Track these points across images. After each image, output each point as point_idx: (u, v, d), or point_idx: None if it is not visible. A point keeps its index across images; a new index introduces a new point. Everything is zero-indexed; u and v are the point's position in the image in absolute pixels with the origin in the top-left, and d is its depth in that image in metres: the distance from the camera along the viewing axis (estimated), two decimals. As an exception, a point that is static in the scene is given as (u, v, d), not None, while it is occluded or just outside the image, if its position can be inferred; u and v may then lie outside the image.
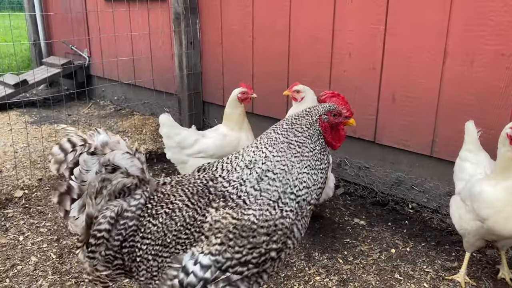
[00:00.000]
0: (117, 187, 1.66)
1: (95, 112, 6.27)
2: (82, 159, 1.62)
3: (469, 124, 2.70)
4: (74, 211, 1.68)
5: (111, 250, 1.68)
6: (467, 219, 2.47)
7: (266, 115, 4.33)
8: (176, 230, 1.64)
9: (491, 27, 2.79)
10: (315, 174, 1.71)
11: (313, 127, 1.76)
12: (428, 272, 2.70)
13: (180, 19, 4.60)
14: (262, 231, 1.59)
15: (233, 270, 1.60)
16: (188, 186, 1.73)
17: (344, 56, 3.58)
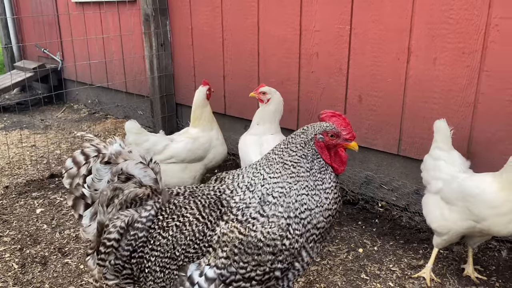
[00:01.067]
0: (129, 196, 1.66)
1: (68, 116, 6.17)
2: (95, 168, 1.61)
3: (440, 123, 2.68)
4: (86, 219, 1.69)
5: (120, 260, 1.69)
6: (454, 219, 2.45)
7: (239, 116, 4.30)
8: (185, 244, 1.63)
9: (452, 26, 2.81)
10: (316, 195, 1.64)
11: (308, 146, 1.69)
12: (394, 271, 2.71)
13: (149, 21, 4.55)
14: (268, 249, 1.57)
15: (237, 285, 1.59)
16: (201, 198, 1.71)
17: (312, 56, 3.57)
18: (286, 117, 3.76)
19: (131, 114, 5.62)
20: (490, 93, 2.75)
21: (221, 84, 4.35)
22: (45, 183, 3.97)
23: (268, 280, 1.61)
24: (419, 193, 3.22)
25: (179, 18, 4.60)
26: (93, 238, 1.70)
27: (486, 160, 2.80)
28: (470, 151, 2.88)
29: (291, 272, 1.65)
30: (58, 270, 2.76)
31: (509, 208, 2.25)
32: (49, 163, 4.38)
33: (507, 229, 2.29)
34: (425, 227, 3.17)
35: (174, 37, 4.71)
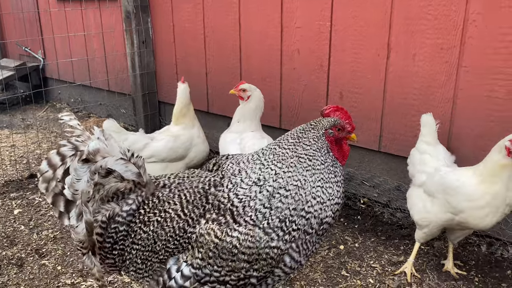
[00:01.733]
0: (110, 191, 1.68)
1: (51, 115, 6.07)
2: (73, 167, 1.55)
3: (427, 116, 2.70)
4: (73, 220, 1.65)
5: (102, 250, 1.72)
6: (435, 211, 2.47)
7: (221, 114, 4.27)
8: (166, 240, 1.64)
9: (430, 21, 2.81)
10: (330, 188, 1.65)
11: (321, 141, 1.71)
12: (374, 268, 2.71)
13: (130, 18, 4.49)
14: (243, 257, 1.55)
15: (211, 286, 1.61)
16: (186, 192, 1.69)
17: (293, 53, 3.55)
18: (269, 114, 3.75)
19: (114, 113, 5.55)
20: (468, 89, 2.76)
21: (203, 81, 4.31)
22: (24, 183, 3.89)
23: (244, 286, 1.61)
24: (401, 190, 3.23)
25: (160, 15, 4.54)
26: (84, 238, 1.65)
27: (466, 155, 2.81)
28: (450, 146, 2.89)
29: (271, 278, 1.63)
30: (35, 271, 2.71)
31: (486, 201, 2.26)
32: (29, 163, 4.31)
33: (484, 222, 2.30)
34: (406, 223, 3.18)
35: (156, 34, 4.66)
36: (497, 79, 2.64)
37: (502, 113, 2.65)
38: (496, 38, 2.58)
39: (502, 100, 2.64)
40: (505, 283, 2.57)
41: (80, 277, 2.65)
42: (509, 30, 2.53)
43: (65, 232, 3.15)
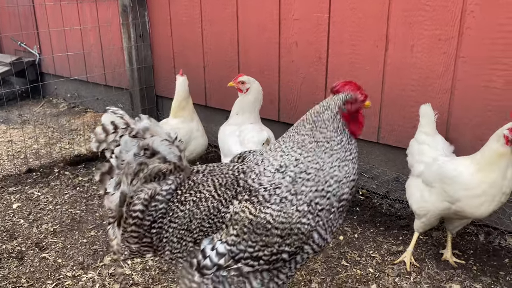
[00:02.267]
0: (153, 171, 1.75)
1: (47, 110, 6.05)
2: (123, 140, 1.70)
3: (425, 107, 2.71)
4: (110, 187, 1.77)
5: (141, 228, 1.78)
6: (432, 200, 2.50)
7: (220, 107, 4.27)
8: (201, 219, 1.72)
9: (428, 12, 2.82)
10: (346, 166, 1.69)
11: (336, 120, 1.72)
12: (374, 257, 2.73)
13: (127, 12, 4.47)
14: (276, 232, 1.61)
15: (245, 262, 1.66)
16: (218, 177, 1.78)
17: (291, 45, 3.55)
18: (267, 107, 3.75)
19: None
20: (466, 80, 2.78)
21: (201, 75, 4.31)
22: (22, 178, 3.88)
23: (276, 261, 1.66)
24: (399, 181, 3.25)
25: (157, 8, 4.52)
26: (115, 207, 1.78)
27: (464, 145, 2.83)
28: (449, 136, 2.91)
29: (300, 255, 1.69)
30: (35, 264, 2.71)
31: (483, 190, 2.28)
32: (26, 158, 4.29)
33: (480, 211, 2.33)
34: (405, 214, 3.20)
35: (153, 28, 4.64)
36: (495, 69, 2.65)
37: (500, 102, 2.67)
38: (494, 28, 2.60)
39: (500, 90, 2.66)
40: (503, 271, 2.60)
41: (81, 270, 2.66)
42: (507, 21, 2.55)
43: (65, 225, 3.15)
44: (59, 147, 4.56)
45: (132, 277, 2.60)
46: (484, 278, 2.54)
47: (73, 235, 3.03)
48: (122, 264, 1.78)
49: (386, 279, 2.53)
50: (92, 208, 3.40)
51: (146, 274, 2.62)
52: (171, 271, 2.64)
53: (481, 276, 2.56)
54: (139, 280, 2.57)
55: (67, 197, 3.56)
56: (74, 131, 5.11)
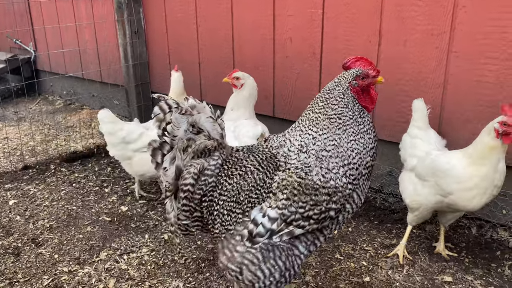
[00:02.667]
0: (200, 146, 1.87)
1: (43, 107, 6.05)
2: (174, 117, 1.83)
3: (418, 102, 2.74)
4: (166, 163, 1.90)
5: (192, 202, 1.90)
6: (425, 194, 2.53)
7: (215, 103, 4.22)
8: (248, 190, 1.82)
9: (421, 7, 2.84)
10: (362, 138, 1.81)
11: (347, 95, 1.83)
12: (367, 251, 2.76)
13: (122, 8, 4.47)
14: (324, 191, 1.74)
15: (296, 224, 1.75)
16: (258, 154, 1.91)
17: (286, 41, 3.57)
18: (262, 103, 3.77)
19: (107, 104, 5.53)
20: (458, 74, 2.80)
21: (196, 71, 4.32)
22: (18, 174, 3.89)
23: (324, 220, 1.77)
24: (393, 175, 3.27)
25: (152, 5, 4.53)
26: (171, 181, 1.90)
27: (456, 140, 2.86)
28: (441, 131, 2.94)
29: (342, 215, 1.82)
30: (32, 260, 2.73)
31: (475, 183, 2.31)
32: (22, 154, 4.30)
33: (472, 204, 2.36)
34: (398, 208, 3.23)
35: (148, 24, 4.65)
36: (487, 64, 2.68)
37: (492, 97, 2.70)
38: (485, 23, 2.62)
39: (492, 84, 2.69)
40: (495, 263, 2.63)
41: (77, 265, 2.68)
42: (498, 15, 2.57)
43: (61, 221, 3.17)
44: (55, 144, 4.57)
45: (128, 271, 2.62)
46: (476, 270, 2.57)
47: (69, 231, 3.05)
48: (178, 236, 1.95)
49: (379, 272, 2.56)
50: (88, 204, 3.41)
51: (142, 268, 2.64)
52: (166, 266, 2.66)
53: (473, 268, 2.59)
54: (135, 274, 2.59)
55: (63, 193, 3.58)
56: (70, 128, 5.12)
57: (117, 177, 3.87)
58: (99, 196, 3.55)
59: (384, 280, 2.50)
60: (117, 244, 2.90)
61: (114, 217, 3.23)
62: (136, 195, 3.49)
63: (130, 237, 2.97)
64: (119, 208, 3.35)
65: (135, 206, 3.38)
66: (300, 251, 1.83)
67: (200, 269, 2.63)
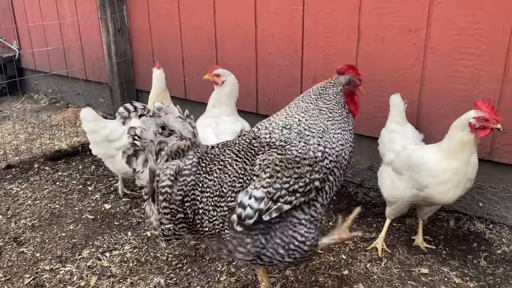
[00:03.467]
0: (173, 148, 1.89)
1: (28, 106, 6.01)
2: (142, 120, 1.87)
3: (395, 97, 2.80)
4: (139, 166, 1.93)
5: (173, 204, 1.90)
6: (402, 188, 2.57)
7: (199, 101, 4.29)
8: (230, 181, 1.85)
9: (398, 4, 2.87)
10: (346, 135, 1.96)
11: (339, 96, 2.00)
12: (347, 244, 2.80)
13: (105, 6, 4.46)
14: (305, 162, 1.82)
15: (283, 200, 1.79)
16: (234, 147, 1.95)
17: (268, 38, 3.59)
18: (245, 99, 3.80)
19: (93, 102, 5.52)
20: (435, 70, 2.85)
21: (180, 68, 4.33)
22: (1, 174, 3.88)
23: (310, 192, 1.83)
24: (373, 169, 3.32)
25: (135, 2, 4.52)
26: (147, 184, 1.92)
27: (434, 134, 2.90)
28: (419, 125, 2.98)
29: (327, 185, 1.89)
30: (13, 259, 2.73)
31: (448, 176, 2.36)
32: (5, 154, 4.28)
33: (447, 197, 2.41)
34: (379, 202, 3.28)
35: (132, 22, 4.64)
36: (462, 60, 2.72)
37: (467, 92, 2.75)
38: (460, 19, 2.67)
39: (467, 79, 2.74)
40: (471, 255, 2.69)
41: (59, 263, 2.69)
42: (471, 11, 2.62)
43: (44, 220, 3.17)
44: (39, 143, 4.55)
45: (110, 269, 2.63)
46: (453, 262, 2.62)
47: (52, 230, 3.05)
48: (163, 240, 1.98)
49: (358, 265, 2.60)
50: (71, 203, 3.42)
51: (124, 265, 2.66)
52: (148, 263, 2.68)
53: (450, 260, 2.64)
54: (117, 271, 2.61)
55: (46, 192, 3.57)
56: (55, 127, 5.10)
57: (101, 175, 3.87)
58: (83, 194, 3.55)
59: (362, 273, 2.54)
60: (100, 241, 2.91)
61: (97, 215, 3.23)
62: (119, 193, 3.50)
63: (113, 235, 2.99)
64: (103, 206, 3.36)
65: (119, 204, 3.39)
66: (299, 218, 1.87)
67: (182, 265, 2.65)
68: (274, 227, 1.85)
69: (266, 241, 1.86)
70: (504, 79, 2.61)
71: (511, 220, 2.85)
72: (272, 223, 1.84)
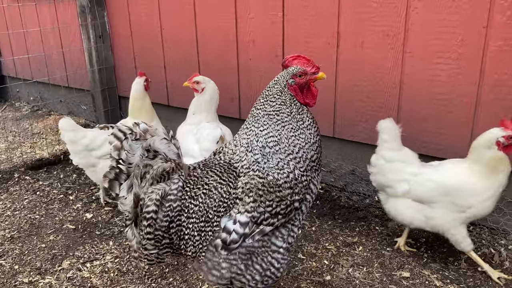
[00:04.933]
0: (158, 171, 1.84)
1: (9, 114, 5.92)
2: (128, 144, 1.81)
3: (386, 122, 2.61)
4: (123, 191, 1.86)
5: (159, 231, 1.85)
6: (440, 215, 2.48)
7: (182, 106, 4.26)
8: (216, 206, 1.82)
9: (376, 9, 2.90)
10: (302, 133, 1.86)
11: (284, 93, 1.88)
12: (329, 249, 2.80)
13: (86, 12, 4.42)
14: (286, 185, 1.80)
15: (266, 222, 1.80)
16: (214, 168, 1.91)
17: (249, 43, 3.59)
18: (228, 105, 3.79)
19: (75, 110, 5.47)
20: (413, 74, 2.87)
21: (162, 74, 4.30)
22: (-20, 184, 3.81)
23: (290, 212, 1.84)
24: (355, 173, 3.33)
25: (116, 8, 4.49)
26: (130, 210, 1.87)
27: (414, 137, 2.94)
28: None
29: (304, 204, 1.89)
30: (-9, 272, 2.68)
31: (491, 192, 2.40)
32: (-15, 163, 4.21)
33: (490, 210, 2.45)
34: (362, 206, 3.29)
35: (113, 28, 4.60)
36: (439, 63, 2.75)
37: (445, 95, 2.78)
38: (436, 24, 2.70)
39: (444, 83, 2.77)
40: (452, 257, 2.71)
41: (38, 275, 2.64)
42: (447, 16, 2.65)
43: (23, 231, 3.12)
44: (20, 152, 4.48)
45: (91, 279, 2.60)
46: (434, 264, 2.64)
47: (31, 241, 3.00)
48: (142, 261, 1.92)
49: (340, 270, 2.61)
50: (52, 213, 3.37)
51: (105, 276, 2.63)
52: (130, 273, 2.65)
53: (431, 263, 2.66)
54: (98, 282, 2.57)
55: (26, 202, 3.52)
56: (37, 135, 5.03)
57: (82, 184, 3.82)
58: (64, 203, 3.50)
59: (344, 278, 2.55)
60: (81, 252, 2.87)
61: (78, 225, 3.19)
62: (101, 202, 3.46)
63: (94, 245, 2.95)
64: (84, 216, 3.32)
65: (100, 213, 3.35)
66: (278, 245, 1.86)
67: (164, 274, 2.63)
68: (255, 252, 1.83)
69: (246, 267, 1.83)
70: (480, 83, 2.65)
71: (490, 222, 2.88)
72: (254, 247, 1.82)
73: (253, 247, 1.82)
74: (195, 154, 2.83)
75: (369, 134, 3.13)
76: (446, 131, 2.83)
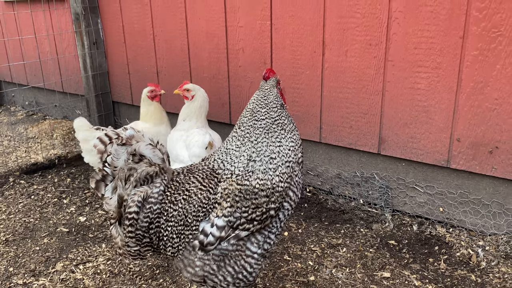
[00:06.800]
0: (142, 174, 1.96)
1: (4, 119, 6.00)
2: (114, 148, 1.93)
3: None
4: (108, 192, 2.00)
5: (140, 230, 1.98)
6: None
7: (175, 112, 4.35)
8: (195, 211, 1.93)
9: (359, 19, 3.01)
10: (294, 135, 2.04)
11: (278, 97, 2.09)
12: (314, 251, 2.91)
13: (80, 19, 4.51)
14: (263, 193, 1.90)
15: (242, 227, 1.91)
16: (197, 174, 2.02)
17: (238, 51, 3.69)
18: (219, 111, 3.90)
19: (70, 114, 5.55)
20: (395, 82, 2.98)
21: (155, 81, 4.40)
22: (-24, 188, 3.89)
23: (266, 219, 1.93)
24: (341, 177, 3.44)
25: (110, 15, 4.58)
26: (114, 209, 2.01)
27: (396, 143, 3.05)
28: (382, 135, 3.11)
29: (281, 212, 1.98)
30: (-14, 274, 2.76)
31: None
32: (-19, 168, 4.29)
33: None
34: (348, 209, 3.39)
35: (107, 35, 4.70)
36: (419, 72, 2.87)
37: (424, 102, 2.89)
38: (416, 34, 2.81)
39: (424, 91, 2.88)
40: (432, 258, 2.82)
41: (32, 277, 2.73)
42: (426, 27, 2.76)
43: (18, 234, 3.20)
44: (15, 156, 4.56)
45: (83, 281, 2.69)
46: (414, 265, 2.75)
47: (26, 244, 3.09)
48: (127, 258, 2.07)
49: (324, 271, 2.71)
50: (46, 216, 3.45)
51: (97, 277, 2.72)
52: (122, 274, 2.74)
53: (412, 263, 2.77)
54: (90, 283, 2.66)
55: (21, 206, 3.60)
56: (32, 139, 5.11)
57: (76, 188, 3.91)
58: (58, 207, 3.59)
59: (327, 278, 2.65)
60: (74, 254, 2.96)
61: (72, 228, 3.28)
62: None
63: (87, 247, 3.04)
64: (77, 219, 3.41)
65: (94, 216, 3.44)
66: (253, 251, 1.96)
67: (154, 275, 2.72)
68: (229, 255, 1.93)
69: (218, 268, 1.95)
70: (458, 90, 2.76)
71: (469, 224, 2.99)
72: (228, 250, 1.93)
73: (227, 250, 1.93)
74: (185, 160, 2.94)
75: (354, 140, 3.24)
76: (426, 136, 2.94)
